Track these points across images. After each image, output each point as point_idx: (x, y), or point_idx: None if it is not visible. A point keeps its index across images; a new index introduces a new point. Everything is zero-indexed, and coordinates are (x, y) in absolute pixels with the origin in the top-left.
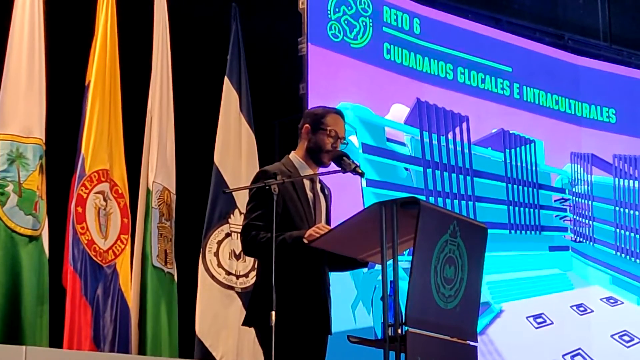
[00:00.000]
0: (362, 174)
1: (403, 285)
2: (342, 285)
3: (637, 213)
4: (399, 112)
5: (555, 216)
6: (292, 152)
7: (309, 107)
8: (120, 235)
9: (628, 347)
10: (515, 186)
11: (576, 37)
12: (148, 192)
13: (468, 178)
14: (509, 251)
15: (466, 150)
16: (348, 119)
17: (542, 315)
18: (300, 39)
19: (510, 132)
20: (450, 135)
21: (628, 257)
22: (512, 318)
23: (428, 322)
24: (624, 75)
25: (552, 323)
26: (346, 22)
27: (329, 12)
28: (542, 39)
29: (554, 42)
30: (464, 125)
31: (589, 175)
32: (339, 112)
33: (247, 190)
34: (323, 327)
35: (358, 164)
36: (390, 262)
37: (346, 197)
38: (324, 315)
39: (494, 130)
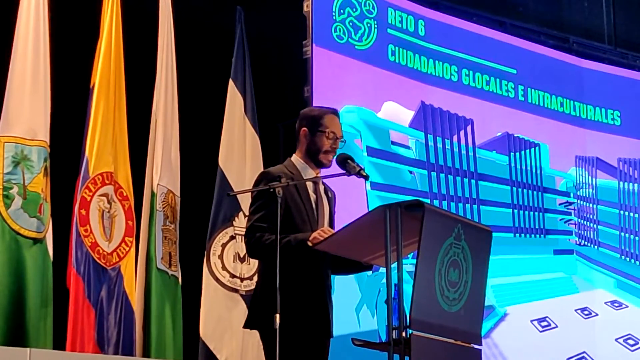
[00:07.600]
0: (366, 177)
1: (407, 288)
2: (346, 288)
3: None
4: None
5: (560, 219)
6: (294, 155)
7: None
8: (124, 237)
9: (632, 350)
10: (519, 189)
11: (581, 40)
12: (152, 194)
13: (473, 181)
14: (514, 254)
15: (471, 154)
16: (353, 122)
17: (547, 319)
18: (305, 41)
19: (515, 135)
20: (454, 139)
21: (632, 260)
22: (517, 321)
23: (432, 325)
24: (629, 78)
25: (556, 326)
26: (351, 24)
27: (333, 14)
28: (546, 41)
29: (558, 44)
30: (469, 128)
31: (594, 179)
32: (334, 112)
33: (251, 193)
34: (324, 330)
35: (362, 167)
36: (394, 265)
37: (350, 200)
38: (325, 318)
39: (498, 134)
